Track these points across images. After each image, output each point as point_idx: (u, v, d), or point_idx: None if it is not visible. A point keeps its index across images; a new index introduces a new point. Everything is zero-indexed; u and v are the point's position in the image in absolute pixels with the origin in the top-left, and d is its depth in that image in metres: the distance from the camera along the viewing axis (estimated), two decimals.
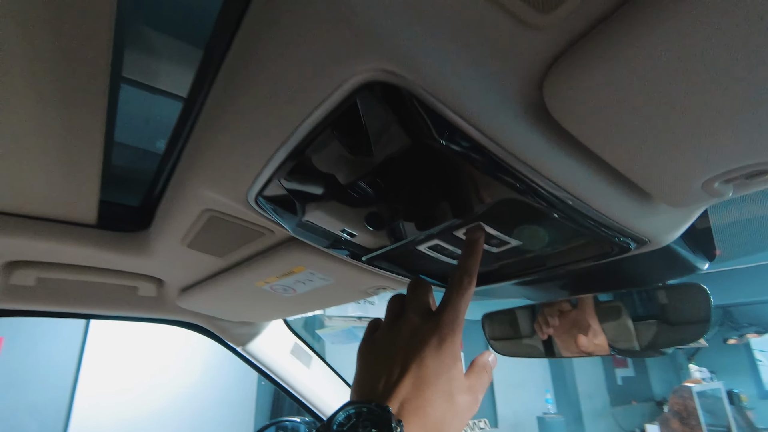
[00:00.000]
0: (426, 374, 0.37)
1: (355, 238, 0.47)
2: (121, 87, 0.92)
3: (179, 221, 0.60)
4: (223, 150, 0.43)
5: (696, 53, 0.22)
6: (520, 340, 0.78)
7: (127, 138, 1.27)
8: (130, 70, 1.11)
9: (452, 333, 0.40)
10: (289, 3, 0.26)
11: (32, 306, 0.87)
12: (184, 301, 0.89)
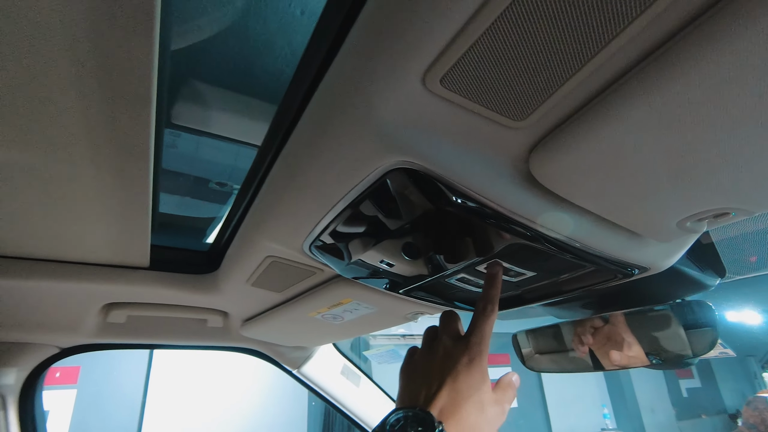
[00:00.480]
0: (460, 387, 0.45)
1: (393, 270, 0.56)
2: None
3: (245, 265, 0.72)
4: (283, 212, 0.53)
5: (648, 139, 0.29)
6: (550, 355, 0.84)
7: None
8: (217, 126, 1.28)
9: (480, 353, 0.47)
10: (334, 119, 0.36)
11: (123, 340, 1.01)
12: (246, 330, 1.01)
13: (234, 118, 1.37)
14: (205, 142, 1.80)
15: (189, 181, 2.11)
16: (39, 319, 0.85)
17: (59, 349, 0.99)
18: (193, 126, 1.41)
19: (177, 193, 1.88)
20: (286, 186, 0.49)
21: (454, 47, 0.26)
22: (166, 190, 1.93)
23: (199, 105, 1.40)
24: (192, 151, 1.80)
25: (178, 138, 1.75)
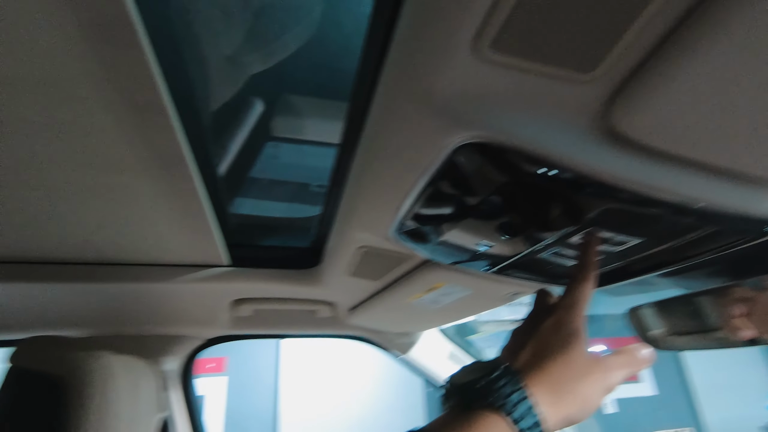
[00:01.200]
0: (542, 345, 0.43)
1: (479, 249, 0.56)
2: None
3: (343, 257, 0.77)
4: (367, 202, 0.56)
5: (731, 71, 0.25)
6: (683, 331, 0.74)
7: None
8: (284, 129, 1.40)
9: (568, 315, 0.44)
10: (397, 105, 0.37)
11: (250, 331, 1.16)
12: (352, 318, 1.07)
13: (324, 123, 1.46)
14: (304, 149, 1.94)
15: (294, 187, 2.30)
16: (187, 315, 1.02)
17: (204, 340, 1.16)
18: (291, 136, 1.53)
19: (285, 198, 2.07)
20: (365, 177, 0.52)
21: (500, 5, 0.25)
22: (276, 196, 2.12)
23: (294, 116, 1.52)
24: (294, 159, 1.96)
25: (278, 149, 1.92)
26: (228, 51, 1.24)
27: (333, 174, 0.66)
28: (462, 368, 0.44)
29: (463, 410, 0.39)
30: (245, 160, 1.53)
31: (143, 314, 0.98)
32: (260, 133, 1.53)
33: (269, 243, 1.06)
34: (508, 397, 0.37)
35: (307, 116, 1.55)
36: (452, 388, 0.43)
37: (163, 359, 1.07)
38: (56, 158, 0.50)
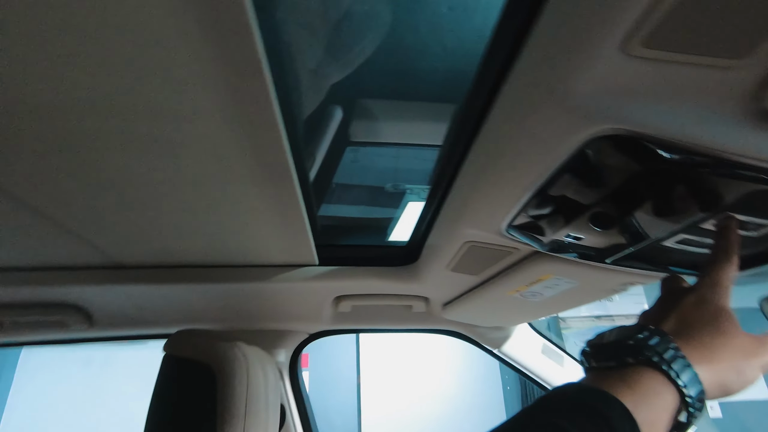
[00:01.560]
0: (688, 317, 0.41)
1: (598, 240, 0.55)
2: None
3: (444, 253, 0.80)
4: (480, 199, 0.59)
5: None
6: None
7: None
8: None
9: (712, 293, 0.42)
10: (529, 105, 0.39)
11: (349, 326, 1.23)
12: (447, 313, 1.10)
13: (403, 124, 1.50)
14: (379, 151, 2.00)
15: (372, 190, 2.37)
16: (294, 311, 1.11)
17: (308, 335, 1.26)
18: (371, 140, 1.60)
19: (365, 200, 2.14)
20: (480, 176, 0.54)
21: (658, 6, 0.26)
22: (357, 199, 2.20)
23: (373, 120, 1.58)
24: (370, 162, 2.02)
25: (357, 153, 2.00)
26: (312, 64, 1.32)
27: (436, 173, 0.69)
28: (599, 333, 0.44)
29: (614, 368, 0.39)
30: (329, 166, 1.62)
31: (258, 311, 1.09)
32: (341, 139, 1.62)
33: (353, 242, 1.12)
34: (664, 354, 0.37)
35: (386, 120, 1.60)
36: (595, 348, 0.42)
37: (275, 351, 1.18)
38: (187, 177, 0.58)
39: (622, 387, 0.36)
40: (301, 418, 1.26)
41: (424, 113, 1.37)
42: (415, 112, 1.44)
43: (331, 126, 1.53)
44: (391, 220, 1.30)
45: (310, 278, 0.98)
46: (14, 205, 0.61)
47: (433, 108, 1.30)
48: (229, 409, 0.69)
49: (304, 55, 1.24)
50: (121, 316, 1.04)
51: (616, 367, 0.39)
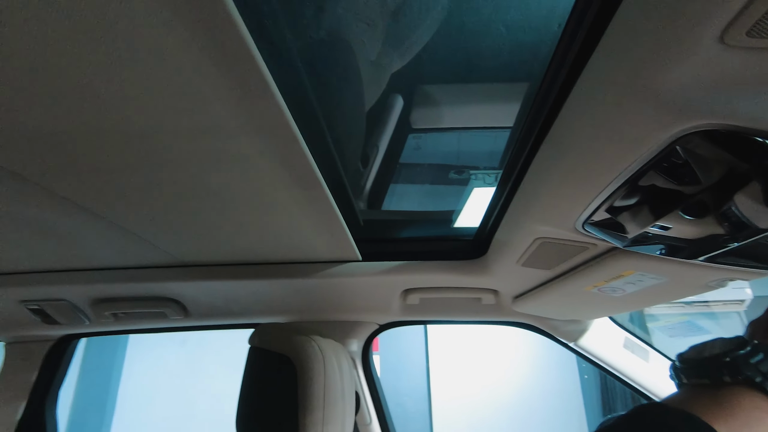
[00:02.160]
0: None
1: (692, 236, 0.50)
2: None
3: (514, 248, 0.77)
4: (552, 195, 0.56)
5: None
6: None
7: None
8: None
9: None
10: (611, 95, 0.36)
11: (418, 318, 1.25)
12: (518, 305, 1.07)
13: (467, 108, 1.46)
14: (442, 137, 1.96)
15: (433, 176, 2.34)
16: (364, 304, 1.15)
17: (378, 326, 1.30)
18: (433, 126, 1.57)
19: (429, 189, 2.12)
20: (553, 169, 0.52)
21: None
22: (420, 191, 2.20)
23: (435, 105, 1.56)
24: (433, 149, 2.00)
25: (419, 140, 1.98)
26: (372, 56, 1.33)
27: (509, 162, 0.67)
28: (693, 346, 0.41)
29: (708, 386, 0.36)
30: (392, 156, 1.62)
31: (331, 304, 1.14)
32: (403, 127, 1.61)
33: (419, 234, 1.12)
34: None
35: (449, 104, 1.57)
36: (687, 364, 0.39)
37: (348, 341, 1.23)
38: (242, 186, 0.62)
39: (716, 410, 0.33)
40: (375, 403, 1.31)
41: (490, 95, 1.32)
42: (479, 94, 1.39)
43: (392, 115, 1.54)
44: (456, 207, 1.28)
45: (379, 272, 1.00)
46: (119, 218, 0.70)
47: (500, 89, 1.25)
48: (309, 399, 0.73)
49: (365, 48, 1.24)
50: (211, 308, 1.15)
51: (710, 386, 0.35)
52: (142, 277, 0.99)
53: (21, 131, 0.45)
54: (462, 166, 2.33)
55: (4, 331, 1.32)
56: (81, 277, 1.00)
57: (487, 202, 0.86)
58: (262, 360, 0.83)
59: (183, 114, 0.44)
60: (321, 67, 1.07)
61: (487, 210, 0.84)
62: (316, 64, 1.06)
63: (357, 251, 0.94)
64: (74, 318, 1.16)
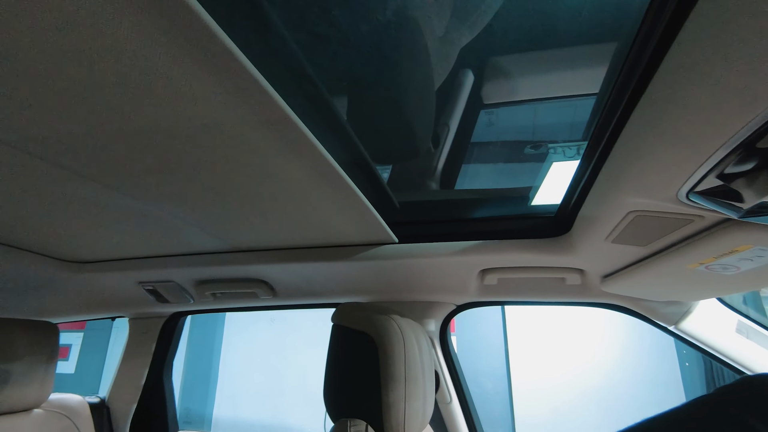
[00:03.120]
0: None
1: None
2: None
3: (603, 224, 0.72)
4: (649, 163, 0.51)
5: None
6: None
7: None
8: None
9: None
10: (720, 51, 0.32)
11: (497, 298, 1.22)
12: (607, 286, 1.00)
13: (545, 77, 1.37)
14: (516, 111, 1.87)
15: (507, 153, 2.25)
16: (441, 284, 1.15)
17: (455, 306, 1.29)
18: (507, 100, 1.50)
19: (504, 167, 2.04)
20: (650, 135, 0.47)
21: None
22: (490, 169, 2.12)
23: (508, 78, 1.48)
24: (508, 123, 1.90)
25: (492, 115, 1.89)
26: (440, 32, 1.29)
27: (594, 134, 0.62)
28: None
29: None
30: (464, 134, 1.58)
31: (408, 284, 1.16)
32: (474, 104, 1.55)
33: (495, 214, 1.08)
34: None
35: (521, 75, 1.48)
36: None
37: (426, 322, 1.25)
38: (297, 176, 0.66)
39: None
40: (454, 383, 1.31)
41: (570, 60, 1.22)
42: (558, 60, 1.29)
43: (462, 92, 1.49)
44: (533, 184, 1.23)
45: (456, 253, 0.99)
46: (209, 210, 0.77)
47: (582, 53, 1.15)
48: (391, 375, 0.76)
49: (432, 24, 1.21)
50: (296, 289, 1.23)
51: None
52: (235, 261, 1.09)
53: (114, 136, 0.52)
54: (538, 140, 2.21)
55: (127, 308, 1.53)
56: (185, 261, 1.12)
57: (569, 177, 0.81)
58: (344, 337, 0.87)
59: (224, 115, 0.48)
60: (388, 49, 1.06)
61: (571, 184, 0.79)
62: (383, 47, 1.05)
63: (392, 235, 0.98)
64: (181, 297, 1.31)
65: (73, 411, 1.26)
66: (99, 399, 1.58)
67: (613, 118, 0.54)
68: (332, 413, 0.83)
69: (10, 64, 0.39)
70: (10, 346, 1.10)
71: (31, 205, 0.78)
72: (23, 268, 1.11)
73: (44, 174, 0.64)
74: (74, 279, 1.23)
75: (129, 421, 1.55)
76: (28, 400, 1.13)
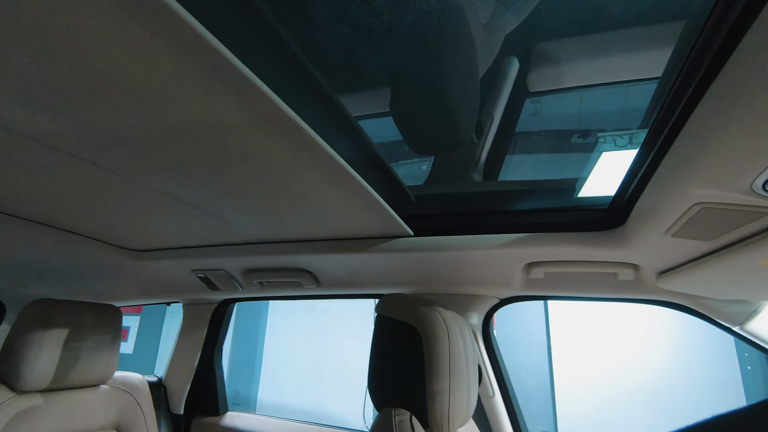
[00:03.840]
0: None
1: None
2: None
3: (663, 216, 0.68)
4: (719, 152, 0.47)
5: None
6: None
7: None
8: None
9: None
10: None
11: (541, 293, 1.19)
12: (663, 282, 0.95)
13: (597, 61, 1.30)
14: (564, 99, 1.79)
15: (553, 143, 2.17)
16: (485, 277, 1.13)
17: (499, 300, 1.27)
18: (554, 87, 1.44)
19: (549, 158, 1.97)
20: (723, 122, 0.43)
21: None
22: (534, 160, 2.05)
23: (555, 64, 1.42)
24: (555, 112, 1.83)
25: (538, 104, 1.83)
26: (484, 18, 1.25)
27: (657, 121, 0.58)
28: None
29: None
30: (508, 124, 1.53)
31: (451, 276, 1.15)
32: (519, 92, 1.50)
33: (543, 206, 1.04)
34: None
35: (569, 60, 1.42)
36: None
37: (468, 315, 1.23)
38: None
39: None
40: (497, 377, 1.30)
41: (628, 43, 1.15)
42: (613, 43, 1.22)
43: (507, 80, 1.45)
44: (580, 175, 1.18)
45: (501, 245, 0.97)
46: (253, 201, 0.80)
47: (642, 34, 1.08)
48: (436, 367, 0.76)
49: (476, 11, 1.18)
50: (338, 279, 1.25)
51: None
52: (281, 251, 1.12)
53: (168, 135, 0.55)
54: (586, 129, 2.10)
55: (181, 294, 1.62)
56: (234, 250, 1.17)
57: (621, 167, 0.77)
58: (389, 328, 0.87)
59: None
60: (431, 39, 1.04)
61: (627, 175, 0.75)
62: (425, 37, 1.04)
63: (406, 228, 0.99)
64: (230, 285, 1.37)
65: (134, 388, 1.36)
66: (157, 378, 1.69)
67: (679, 104, 0.50)
68: (377, 402, 0.84)
69: (85, 77, 0.42)
70: (80, 326, 1.20)
71: (99, 199, 0.84)
72: (90, 255, 1.20)
73: (108, 172, 0.69)
74: (134, 266, 1.32)
75: (184, 400, 1.65)
76: (96, 377, 1.23)
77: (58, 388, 1.16)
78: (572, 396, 3.84)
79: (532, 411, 3.89)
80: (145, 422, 1.32)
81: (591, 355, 3.89)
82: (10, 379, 1.09)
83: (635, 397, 3.70)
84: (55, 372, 1.13)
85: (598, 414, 3.74)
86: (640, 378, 3.73)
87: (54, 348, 1.13)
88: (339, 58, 1.13)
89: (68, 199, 0.85)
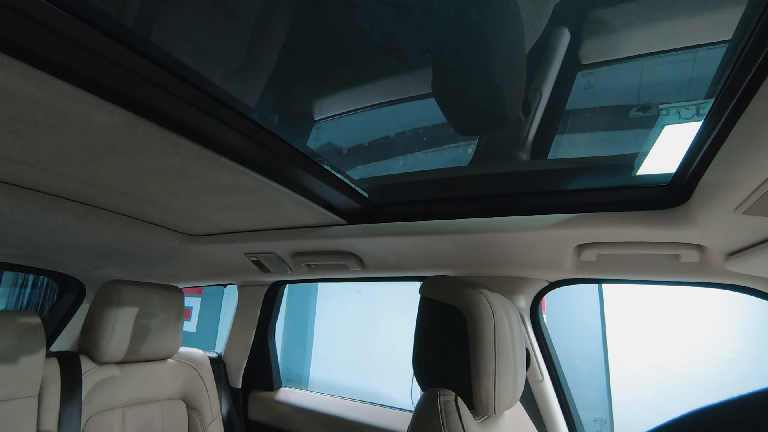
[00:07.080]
0: None
1: None
2: None
3: (733, 192, 0.62)
4: None
5: None
6: None
7: None
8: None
9: None
10: None
11: (595, 275, 1.14)
12: (733, 264, 0.87)
13: (655, 26, 1.20)
14: (620, 69, 1.68)
15: (608, 119, 2.04)
16: (533, 259, 1.10)
17: (548, 283, 1.23)
18: (609, 58, 1.35)
19: (605, 134, 1.86)
20: None
21: None
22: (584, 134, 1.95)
23: (609, 32, 1.32)
24: (610, 84, 1.72)
25: (591, 77, 1.73)
26: None
27: (721, 94, 0.53)
28: None
29: None
30: (559, 98, 1.46)
31: (498, 258, 1.13)
32: (570, 65, 1.42)
33: (597, 185, 0.98)
34: None
35: (625, 28, 1.32)
36: None
37: (516, 298, 1.21)
38: None
39: None
40: (546, 361, 1.27)
41: (692, 2, 1.05)
42: (675, 4, 1.12)
43: (557, 53, 1.37)
44: (639, 151, 1.10)
45: (549, 226, 0.94)
46: None
47: None
48: (481, 349, 0.75)
49: None
50: (383, 262, 1.26)
51: None
52: (328, 234, 1.15)
53: None
54: (646, 103, 1.96)
55: (236, 276, 1.71)
56: (284, 234, 1.22)
57: (686, 140, 0.71)
58: (432, 309, 0.87)
59: None
60: (474, 13, 1.01)
61: (691, 148, 0.69)
62: (468, 12, 1.00)
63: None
64: (281, 267, 1.43)
65: (197, 363, 1.46)
66: (217, 354, 1.82)
67: (751, 69, 0.45)
68: (422, 382, 0.85)
69: None
70: (149, 305, 1.31)
71: (161, 187, 0.91)
72: (154, 239, 1.29)
73: (172, 163, 0.74)
74: (193, 250, 1.41)
75: (241, 375, 1.76)
76: (163, 351, 1.34)
77: (132, 360, 1.28)
78: (630, 384, 3.68)
79: (584, 397, 3.77)
80: (207, 394, 1.43)
81: (652, 343, 3.69)
82: (91, 352, 1.22)
83: (701, 387, 3.48)
84: (129, 346, 1.25)
85: (659, 404, 3.56)
86: (706, 368, 3.50)
87: (127, 324, 1.25)
88: (381, 41, 1.12)
89: (143, 190, 0.94)
